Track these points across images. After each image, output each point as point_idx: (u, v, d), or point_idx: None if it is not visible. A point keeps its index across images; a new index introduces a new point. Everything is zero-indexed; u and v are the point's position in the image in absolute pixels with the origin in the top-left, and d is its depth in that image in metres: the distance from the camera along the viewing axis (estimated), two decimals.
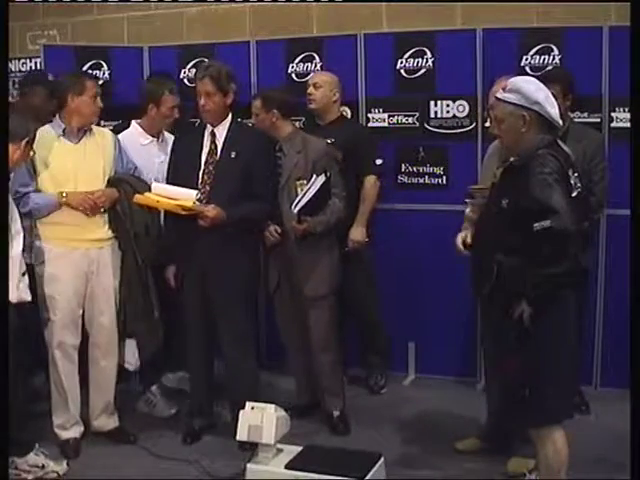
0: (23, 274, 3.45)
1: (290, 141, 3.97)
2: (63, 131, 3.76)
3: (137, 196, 3.71)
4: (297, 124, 4.34)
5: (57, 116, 3.81)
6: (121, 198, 3.78)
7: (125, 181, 3.83)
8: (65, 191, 3.67)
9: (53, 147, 3.73)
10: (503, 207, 2.89)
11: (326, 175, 3.85)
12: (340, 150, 4.14)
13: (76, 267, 3.76)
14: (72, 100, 3.73)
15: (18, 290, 3.36)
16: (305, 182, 3.86)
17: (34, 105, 4.31)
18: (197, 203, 3.64)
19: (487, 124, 3.89)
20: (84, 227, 3.75)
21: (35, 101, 4.36)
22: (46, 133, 3.75)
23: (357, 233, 4.41)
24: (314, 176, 3.85)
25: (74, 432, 3.85)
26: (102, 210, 3.76)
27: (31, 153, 3.49)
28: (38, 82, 4.50)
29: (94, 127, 3.91)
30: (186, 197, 3.64)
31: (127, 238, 3.81)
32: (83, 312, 3.83)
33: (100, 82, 4.76)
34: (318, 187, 3.82)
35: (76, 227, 3.73)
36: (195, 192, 3.67)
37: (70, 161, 3.74)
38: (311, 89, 4.43)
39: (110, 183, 3.81)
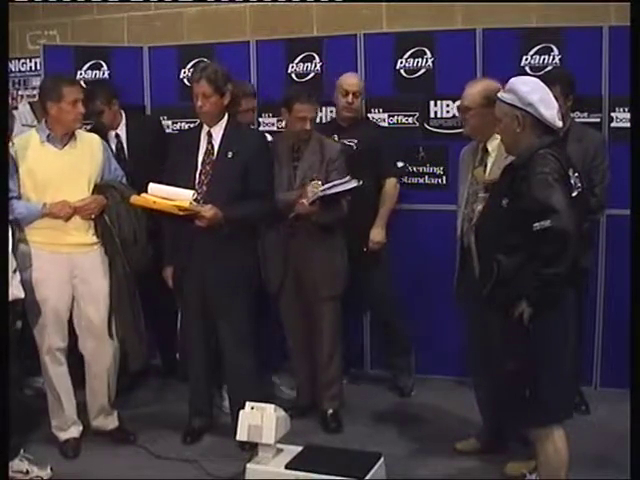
0: (14, 271, 3.44)
1: (307, 142, 3.98)
2: (47, 137, 3.70)
3: (134, 197, 3.68)
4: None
5: (43, 121, 3.76)
6: (109, 205, 3.73)
7: (113, 187, 3.77)
8: (47, 203, 3.63)
9: (36, 153, 3.68)
10: (503, 206, 2.89)
11: (358, 181, 3.88)
12: (361, 152, 4.13)
13: (60, 271, 3.72)
14: (51, 107, 3.65)
15: (11, 287, 3.34)
16: (319, 183, 3.87)
17: None
18: (194, 203, 3.63)
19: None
20: (66, 232, 3.71)
21: None
22: (31, 138, 3.71)
23: (377, 234, 4.41)
24: (348, 177, 3.87)
25: (72, 432, 3.85)
26: (91, 217, 3.72)
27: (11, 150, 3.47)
28: None
29: (82, 132, 3.86)
30: (182, 197, 3.62)
31: (114, 245, 3.76)
32: (72, 316, 3.80)
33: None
34: (347, 188, 3.83)
35: (58, 232, 3.69)
36: (192, 192, 3.65)
37: (53, 167, 3.69)
38: (352, 98, 4.37)
39: (98, 189, 3.75)
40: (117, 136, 4.53)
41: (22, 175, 3.65)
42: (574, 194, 2.85)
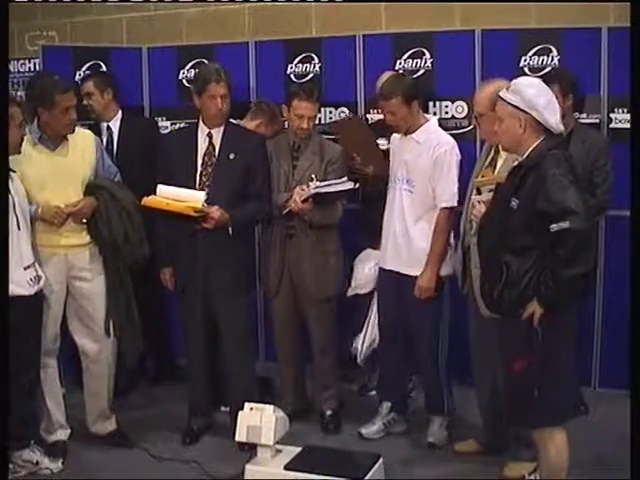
0: (26, 268, 3.42)
1: (307, 141, 3.97)
2: (39, 138, 3.65)
3: (145, 199, 3.64)
4: None
5: (35, 122, 3.67)
6: (99, 205, 3.69)
7: (104, 188, 3.73)
8: (40, 206, 3.58)
9: (29, 154, 3.59)
10: (512, 208, 2.86)
11: (355, 183, 3.88)
12: None
13: (55, 273, 3.67)
14: (42, 113, 3.60)
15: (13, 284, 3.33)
16: (316, 182, 3.86)
17: None
18: (205, 205, 3.60)
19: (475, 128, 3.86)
20: (60, 234, 3.66)
21: None
22: (24, 141, 3.61)
23: None
24: (345, 178, 3.87)
25: (58, 435, 3.81)
26: (84, 221, 3.68)
27: None
28: None
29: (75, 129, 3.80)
30: (194, 199, 3.60)
31: (107, 245, 3.73)
32: (66, 319, 3.78)
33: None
34: (341, 189, 3.83)
35: (53, 234, 3.65)
36: (203, 193, 3.63)
37: (46, 169, 3.63)
38: None
39: (89, 190, 3.71)
40: (109, 128, 4.53)
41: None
42: None
